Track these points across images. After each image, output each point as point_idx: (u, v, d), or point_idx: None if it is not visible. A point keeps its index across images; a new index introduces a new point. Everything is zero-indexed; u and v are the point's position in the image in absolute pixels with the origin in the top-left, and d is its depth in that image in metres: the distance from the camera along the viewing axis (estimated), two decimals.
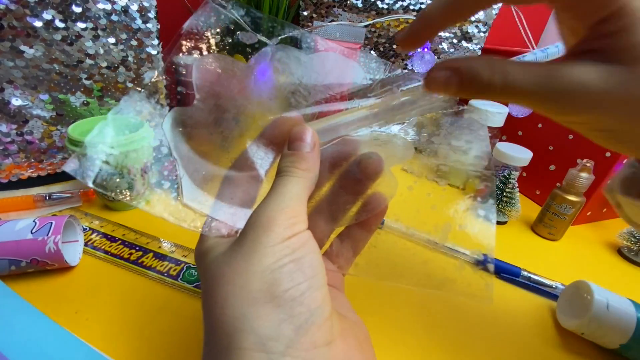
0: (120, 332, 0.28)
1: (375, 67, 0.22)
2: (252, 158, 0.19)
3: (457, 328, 0.32)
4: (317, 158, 0.18)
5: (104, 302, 0.30)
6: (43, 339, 0.26)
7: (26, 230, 0.31)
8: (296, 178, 0.17)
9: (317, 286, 0.15)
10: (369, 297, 0.34)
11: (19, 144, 0.42)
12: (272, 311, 0.14)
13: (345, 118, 0.19)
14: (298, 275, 0.15)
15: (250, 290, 0.14)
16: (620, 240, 0.47)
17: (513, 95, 0.16)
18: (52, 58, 0.40)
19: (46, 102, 0.41)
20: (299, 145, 0.18)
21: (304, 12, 0.61)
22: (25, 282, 0.31)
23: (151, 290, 0.32)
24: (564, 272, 0.41)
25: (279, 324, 0.14)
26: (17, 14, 0.36)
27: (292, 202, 0.16)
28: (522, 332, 0.33)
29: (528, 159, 0.50)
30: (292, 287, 0.14)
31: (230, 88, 0.20)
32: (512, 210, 0.48)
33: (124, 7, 0.42)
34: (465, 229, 0.21)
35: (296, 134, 0.18)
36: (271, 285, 0.14)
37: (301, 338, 0.14)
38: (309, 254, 0.16)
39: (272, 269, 0.15)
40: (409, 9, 0.57)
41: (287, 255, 0.15)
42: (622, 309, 0.30)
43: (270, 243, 0.15)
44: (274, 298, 0.14)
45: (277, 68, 0.20)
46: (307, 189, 0.17)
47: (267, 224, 0.15)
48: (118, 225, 0.39)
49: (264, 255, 0.15)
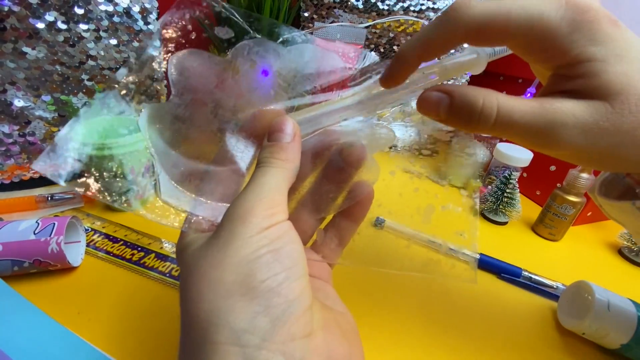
0: (123, 332, 0.28)
1: (354, 56, 0.22)
2: (232, 152, 0.19)
3: (457, 328, 0.32)
4: (298, 149, 0.18)
5: (106, 302, 0.30)
6: (46, 339, 0.26)
7: (29, 231, 0.31)
8: (275, 169, 0.17)
9: (295, 277, 0.15)
10: (368, 296, 0.34)
11: (21, 145, 0.42)
12: (247, 303, 0.14)
13: (326, 109, 0.19)
14: (275, 265, 0.14)
15: (225, 283, 0.14)
16: (621, 240, 0.47)
17: (506, 128, 0.16)
18: (54, 59, 0.40)
19: (48, 103, 0.42)
20: (279, 136, 0.18)
21: (305, 13, 0.61)
22: (28, 282, 0.31)
23: (153, 290, 0.32)
24: (565, 272, 0.41)
25: (254, 316, 0.13)
26: (19, 16, 0.37)
27: (270, 192, 0.16)
28: (523, 332, 0.33)
29: (528, 160, 0.50)
30: (269, 278, 0.14)
31: (208, 82, 0.20)
32: (513, 211, 0.48)
33: (125, 8, 0.42)
34: (447, 210, 0.21)
35: (276, 125, 0.18)
36: (247, 276, 0.14)
37: (278, 330, 0.13)
38: (288, 245, 0.15)
39: (248, 259, 0.14)
40: (409, 10, 0.57)
41: (264, 245, 0.15)
42: (623, 309, 0.30)
43: (248, 234, 0.15)
44: (250, 290, 0.14)
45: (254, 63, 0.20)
46: (287, 180, 0.17)
47: (244, 215, 0.15)
48: (120, 226, 0.39)
49: (240, 247, 0.14)
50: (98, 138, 0.38)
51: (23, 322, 0.27)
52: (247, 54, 0.20)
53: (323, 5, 0.59)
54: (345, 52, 0.47)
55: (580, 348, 0.32)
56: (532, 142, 0.17)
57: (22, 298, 0.29)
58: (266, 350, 0.13)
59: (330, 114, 0.19)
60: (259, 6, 0.58)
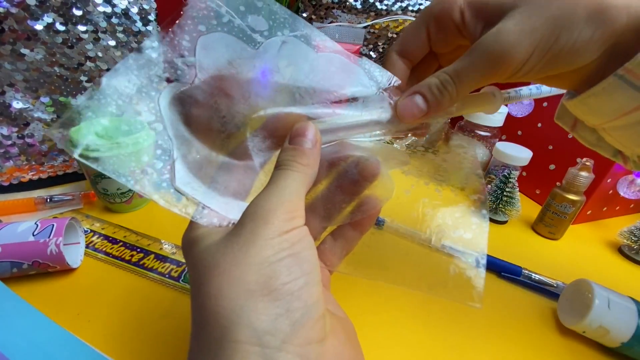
0: (122, 334, 0.28)
1: (379, 75, 0.22)
2: (251, 148, 0.19)
3: (457, 327, 0.32)
4: (318, 156, 0.18)
5: (106, 303, 0.30)
6: (45, 341, 0.26)
7: (28, 232, 0.31)
8: (296, 172, 0.17)
9: (314, 282, 0.15)
10: (368, 295, 0.34)
11: (20, 147, 0.42)
12: (269, 305, 0.14)
13: (347, 121, 0.19)
14: (296, 269, 0.15)
15: (247, 282, 0.14)
16: (621, 239, 0.47)
17: (468, 79, 0.19)
18: (53, 61, 0.40)
19: (47, 104, 0.42)
20: (301, 141, 0.18)
21: (304, 14, 0.61)
22: (27, 284, 0.31)
23: (152, 291, 0.32)
24: (565, 271, 0.41)
25: (275, 318, 0.14)
26: (17, 17, 0.37)
27: (291, 196, 0.16)
28: (523, 331, 0.33)
29: (528, 159, 0.50)
30: (291, 281, 0.14)
31: (236, 73, 0.19)
32: (513, 210, 0.48)
33: (124, 9, 0.42)
34: (458, 236, 0.21)
35: (299, 129, 0.18)
36: (269, 278, 0.14)
37: (297, 333, 0.14)
38: (306, 250, 0.16)
39: (270, 261, 0.14)
40: (407, 10, 0.57)
41: (285, 249, 0.15)
42: (624, 307, 0.30)
43: (269, 235, 0.15)
44: (272, 291, 0.14)
45: (283, 62, 0.19)
46: (306, 185, 0.17)
47: (266, 216, 0.15)
48: (119, 227, 0.39)
49: (262, 248, 0.14)
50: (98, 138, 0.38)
51: (22, 324, 0.27)
52: (277, 52, 0.19)
53: (322, 6, 0.59)
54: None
55: (580, 347, 0.32)
56: (490, 71, 0.19)
57: (21, 300, 0.29)
58: (285, 352, 0.13)
59: (350, 129, 0.20)
60: None
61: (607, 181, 0.48)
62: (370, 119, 0.20)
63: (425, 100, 0.20)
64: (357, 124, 0.20)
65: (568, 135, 0.52)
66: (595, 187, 0.48)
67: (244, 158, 0.19)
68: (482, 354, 0.30)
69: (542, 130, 0.56)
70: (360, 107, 0.20)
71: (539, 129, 0.56)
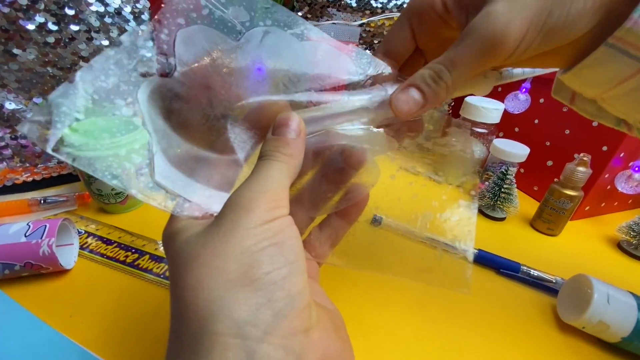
0: (115, 335, 0.27)
1: (367, 63, 0.21)
2: (233, 141, 0.18)
3: (456, 324, 0.32)
4: (302, 146, 0.18)
5: (100, 305, 0.30)
6: (37, 343, 0.26)
7: (20, 233, 0.30)
8: (279, 163, 0.16)
9: (298, 271, 0.15)
10: (364, 292, 0.34)
11: (13, 148, 0.42)
12: (250, 295, 0.13)
13: (332, 111, 0.19)
14: (279, 259, 0.14)
15: (227, 272, 0.13)
16: (620, 234, 0.47)
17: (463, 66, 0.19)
18: (46, 61, 0.40)
19: (40, 105, 0.41)
20: (284, 131, 0.17)
21: (299, 13, 0.61)
22: (20, 286, 0.31)
23: (147, 292, 0.32)
24: (564, 267, 0.41)
25: (257, 308, 0.13)
26: (9, 17, 0.36)
27: (274, 185, 0.16)
28: (522, 327, 0.32)
29: (525, 155, 0.50)
30: (273, 271, 0.14)
31: (214, 65, 0.19)
32: (511, 207, 0.47)
33: (117, 9, 0.42)
34: (445, 218, 0.21)
35: (282, 120, 0.18)
36: (250, 267, 0.13)
37: (280, 324, 0.13)
38: (290, 239, 0.15)
39: (252, 251, 0.14)
40: (402, 8, 0.57)
41: (267, 238, 0.14)
42: (623, 302, 0.30)
43: (251, 225, 0.14)
44: (253, 281, 0.13)
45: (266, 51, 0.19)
46: (290, 175, 0.17)
47: (248, 205, 0.15)
48: (114, 228, 0.39)
49: (244, 237, 0.14)
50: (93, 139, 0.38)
51: (14, 326, 0.27)
52: (259, 42, 0.19)
53: (317, 4, 0.59)
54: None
55: (580, 342, 0.31)
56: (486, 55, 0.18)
57: (13, 302, 0.29)
58: (267, 344, 0.13)
59: (335, 117, 0.19)
60: None
61: (604, 176, 0.48)
62: (360, 106, 0.20)
63: (421, 93, 0.19)
64: (344, 111, 0.19)
65: (565, 131, 0.51)
66: (593, 182, 0.48)
67: (226, 151, 0.18)
68: (481, 351, 0.30)
69: (539, 126, 0.56)
70: (346, 94, 0.20)
71: (535, 125, 0.56)
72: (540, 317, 0.34)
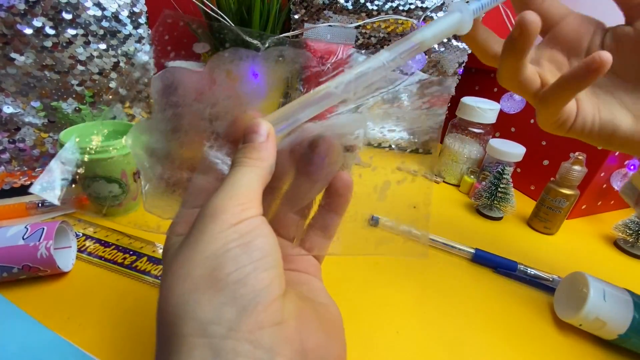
0: (114, 337, 0.27)
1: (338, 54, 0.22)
2: (212, 160, 0.19)
3: (453, 323, 0.32)
4: (272, 147, 0.18)
5: (97, 307, 0.30)
6: (35, 345, 0.26)
7: (18, 236, 0.30)
8: (246, 167, 0.17)
9: (264, 268, 0.15)
10: (363, 292, 0.34)
11: (11, 152, 0.42)
12: (213, 295, 0.14)
13: (298, 103, 0.19)
14: (243, 258, 0.14)
15: (192, 277, 0.14)
16: (616, 232, 0.47)
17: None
18: (43, 65, 0.40)
19: (38, 109, 0.41)
20: (252, 137, 0.18)
21: (295, 16, 0.61)
22: (18, 289, 0.31)
23: (145, 294, 0.32)
24: (561, 265, 0.41)
25: (220, 307, 0.13)
26: (7, 21, 0.37)
27: (241, 189, 0.16)
28: (520, 325, 0.33)
29: (521, 155, 0.50)
30: (236, 270, 0.14)
31: (186, 95, 0.20)
32: (507, 206, 0.48)
33: (114, 13, 0.42)
34: (403, 184, 0.21)
35: (249, 128, 0.18)
36: (214, 270, 0.14)
37: (245, 319, 0.13)
38: (259, 238, 0.15)
39: (216, 254, 0.14)
40: (398, 10, 0.58)
41: (233, 240, 0.15)
42: (619, 299, 0.30)
43: (217, 230, 0.15)
44: (216, 282, 0.14)
45: (230, 70, 0.21)
46: (261, 177, 0.17)
47: (214, 212, 0.15)
48: (112, 231, 0.39)
49: (209, 242, 0.15)
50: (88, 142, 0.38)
51: (12, 329, 0.27)
52: (222, 65, 0.20)
53: (313, 7, 0.59)
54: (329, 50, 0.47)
55: (577, 340, 0.32)
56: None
57: (11, 304, 0.29)
58: (232, 340, 0.13)
59: (303, 108, 0.19)
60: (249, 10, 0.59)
61: (600, 175, 0.48)
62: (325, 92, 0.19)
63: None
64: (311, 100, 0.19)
65: None
66: (588, 181, 0.48)
67: (210, 172, 0.19)
68: (479, 349, 0.30)
69: (534, 126, 0.56)
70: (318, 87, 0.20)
71: (531, 125, 0.56)
72: (537, 316, 0.34)
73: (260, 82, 0.21)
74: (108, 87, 0.45)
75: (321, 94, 0.19)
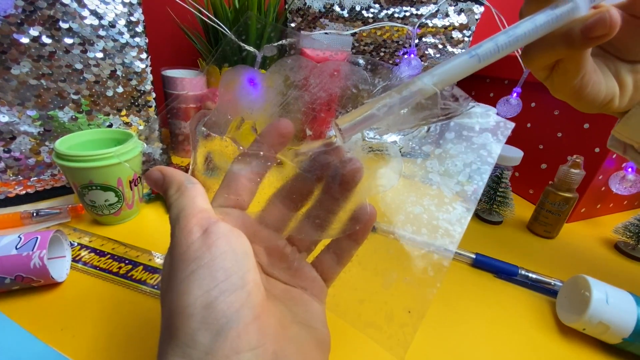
0: (109, 348, 0.27)
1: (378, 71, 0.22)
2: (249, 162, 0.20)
3: (455, 328, 0.31)
4: (173, 173, 0.19)
5: (92, 317, 0.29)
6: (28, 357, 0.25)
7: (11, 245, 0.30)
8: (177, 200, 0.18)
9: (231, 290, 0.15)
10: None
11: (6, 161, 0.41)
12: (185, 321, 0.14)
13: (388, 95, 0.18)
14: (208, 281, 0.14)
15: (169, 302, 0.15)
16: (616, 235, 0.47)
17: None
18: (40, 74, 0.40)
19: (33, 118, 0.41)
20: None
21: (292, 24, 0.62)
22: (10, 299, 0.30)
23: (141, 304, 0.31)
24: (562, 269, 0.41)
25: (193, 332, 0.14)
26: (3, 31, 0.37)
27: (184, 212, 0.17)
28: (523, 330, 0.32)
29: (519, 159, 0.50)
30: (202, 295, 0.14)
31: (236, 97, 0.22)
32: (507, 210, 0.47)
33: (111, 22, 0.42)
34: (407, 282, 0.21)
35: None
36: (182, 295, 0.14)
37: (220, 344, 0.14)
38: (220, 255, 0.15)
39: (180, 279, 0.15)
40: (393, 17, 0.58)
41: (194, 260, 0.15)
42: (622, 303, 0.30)
43: (178, 252, 0.15)
44: (185, 308, 0.14)
45: (287, 76, 0.22)
46: (197, 194, 0.18)
47: (173, 246, 0.16)
48: (107, 240, 0.39)
49: (177, 269, 0.15)
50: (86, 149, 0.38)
51: (4, 341, 0.26)
52: (282, 70, 0.22)
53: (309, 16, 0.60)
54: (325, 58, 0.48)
55: (581, 345, 0.31)
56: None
57: (3, 316, 0.28)
58: None
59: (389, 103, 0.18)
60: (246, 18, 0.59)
61: (598, 178, 0.48)
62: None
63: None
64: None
65: (557, 134, 0.52)
66: (587, 184, 0.48)
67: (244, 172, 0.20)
68: (482, 354, 0.29)
69: (531, 130, 0.56)
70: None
71: (528, 129, 0.56)
72: (540, 320, 0.33)
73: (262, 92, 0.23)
74: (105, 95, 0.45)
75: (414, 90, 0.18)
